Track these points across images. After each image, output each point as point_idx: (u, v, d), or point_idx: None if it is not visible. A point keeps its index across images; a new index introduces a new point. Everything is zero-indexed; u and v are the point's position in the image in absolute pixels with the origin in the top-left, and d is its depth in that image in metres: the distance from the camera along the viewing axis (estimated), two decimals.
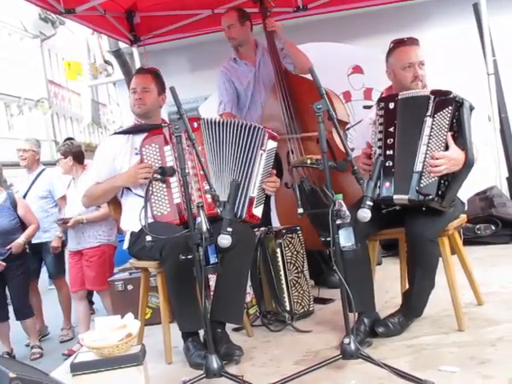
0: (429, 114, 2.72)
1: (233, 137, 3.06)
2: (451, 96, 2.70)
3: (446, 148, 2.68)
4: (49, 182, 5.51)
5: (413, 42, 2.98)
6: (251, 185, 3.03)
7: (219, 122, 3.08)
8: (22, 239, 4.98)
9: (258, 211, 3.08)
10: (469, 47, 5.40)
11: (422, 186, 2.67)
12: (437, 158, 2.66)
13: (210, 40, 5.58)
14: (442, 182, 2.67)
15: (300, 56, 4.08)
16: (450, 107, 2.68)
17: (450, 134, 2.68)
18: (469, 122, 2.68)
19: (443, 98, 2.71)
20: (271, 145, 3.11)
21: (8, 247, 4.96)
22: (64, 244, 5.38)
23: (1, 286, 5.06)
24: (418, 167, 2.69)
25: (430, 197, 2.66)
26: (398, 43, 3.00)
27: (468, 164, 2.67)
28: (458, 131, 2.69)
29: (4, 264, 4.87)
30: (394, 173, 2.77)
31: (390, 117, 2.83)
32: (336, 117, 2.53)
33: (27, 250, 5.09)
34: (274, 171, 3.18)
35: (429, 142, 2.70)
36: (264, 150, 3.07)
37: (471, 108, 2.73)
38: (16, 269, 5.06)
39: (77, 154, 4.97)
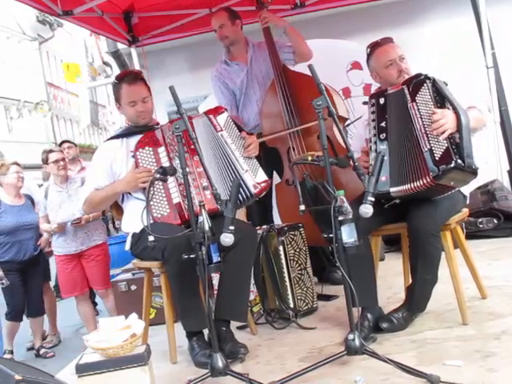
0: (409, 100, 2.78)
1: (205, 132, 3.05)
2: (422, 77, 2.78)
3: None
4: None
5: (387, 40, 3.05)
6: (237, 164, 3.00)
7: (193, 122, 3.04)
8: (46, 235, 5.07)
9: (260, 177, 3.04)
10: (467, 41, 5.39)
11: (437, 158, 2.65)
12: (435, 121, 2.66)
13: (209, 39, 5.55)
14: (452, 146, 2.65)
15: (301, 42, 4.08)
16: (425, 85, 2.75)
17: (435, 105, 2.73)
18: (447, 90, 2.74)
19: (415, 81, 2.79)
20: (223, 118, 3.09)
21: (38, 243, 5.17)
22: None
23: (23, 287, 5.14)
24: (426, 146, 2.69)
25: (452, 163, 2.61)
26: (374, 46, 3.07)
27: (461, 120, 2.66)
28: (442, 101, 2.73)
29: None
30: (389, 166, 2.78)
31: (381, 112, 2.89)
32: (337, 113, 2.53)
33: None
34: (244, 133, 3.15)
35: (423, 121, 2.73)
36: (222, 129, 3.05)
37: (445, 83, 2.79)
38: (39, 265, 5.30)
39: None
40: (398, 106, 2.84)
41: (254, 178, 3.01)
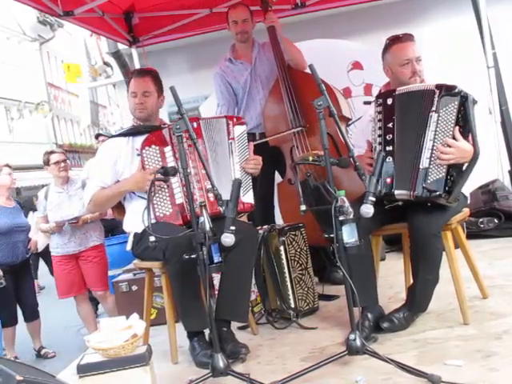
0: (434, 109, 2.70)
1: (214, 133, 3.09)
2: (456, 90, 2.69)
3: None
4: None
5: (408, 37, 2.98)
6: (232, 177, 3.02)
7: (210, 121, 3.12)
8: (35, 238, 5.08)
9: (248, 198, 3.08)
10: (468, 41, 5.39)
11: (428, 182, 2.67)
12: (448, 146, 2.65)
13: (209, 39, 5.57)
14: (449, 177, 2.67)
15: (295, 53, 4.11)
16: (456, 102, 2.67)
17: (457, 128, 2.67)
18: (473, 116, 2.68)
19: (448, 93, 2.69)
20: (239, 130, 3.15)
21: (29, 246, 5.18)
22: None
23: (13, 289, 5.13)
24: (425, 163, 2.69)
25: (437, 193, 2.65)
26: (394, 40, 3.00)
27: (475, 158, 2.67)
28: (464, 126, 2.68)
29: None
30: (394, 168, 2.77)
31: (388, 113, 2.85)
32: (341, 113, 2.53)
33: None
34: (252, 145, 3.20)
35: (435, 138, 2.68)
36: (233, 139, 3.10)
37: (474, 102, 2.72)
38: (30, 268, 5.33)
39: None
40: (416, 104, 2.76)
41: (242, 195, 3.04)
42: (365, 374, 2.39)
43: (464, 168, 2.74)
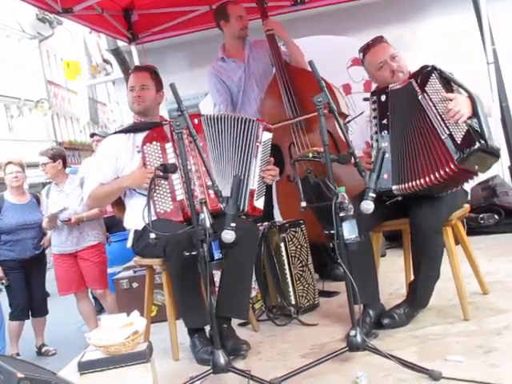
0: (419, 92, 2.76)
1: (231, 131, 3.08)
2: (429, 68, 2.77)
3: None
4: None
5: (377, 40, 3.01)
6: (250, 178, 3.03)
7: (218, 118, 3.11)
8: (50, 234, 5.10)
9: (259, 203, 3.08)
10: (468, 37, 5.39)
11: (459, 142, 2.61)
12: (450, 110, 2.62)
13: (209, 36, 5.55)
14: (471, 127, 2.60)
15: (298, 56, 4.10)
16: (433, 74, 2.73)
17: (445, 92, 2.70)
18: (454, 77, 2.73)
19: (422, 73, 2.78)
20: (266, 136, 3.13)
21: (42, 243, 5.20)
22: None
23: (24, 284, 5.17)
24: (445, 132, 2.65)
25: (476, 145, 2.55)
26: (365, 49, 3.04)
27: (476, 102, 2.61)
28: (452, 87, 2.71)
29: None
30: (391, 164, 2.78)
31: (382, 109, 2.88)
32: (338, 109, 2.53)
33: None
34: (272, 159, 3.20)
35: (437, 109, 2.68)
36: (260, 143, 3.09)
37: (451, 74, 2.77)
38: (42, 265, 5.34)
39: (64, 159, 5.05)
40: (405, 100, 2.81)
41: (255, 199, 3.05)
42: (365, 371, 2.38)
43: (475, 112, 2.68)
